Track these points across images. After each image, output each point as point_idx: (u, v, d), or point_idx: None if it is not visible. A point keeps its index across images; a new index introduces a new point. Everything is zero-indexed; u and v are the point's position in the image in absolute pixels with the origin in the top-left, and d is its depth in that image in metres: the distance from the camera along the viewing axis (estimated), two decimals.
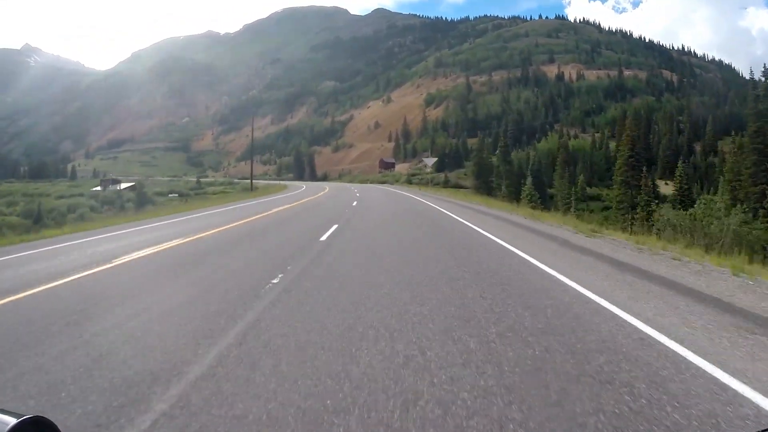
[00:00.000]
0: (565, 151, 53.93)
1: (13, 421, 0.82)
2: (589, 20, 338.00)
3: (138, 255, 8.51)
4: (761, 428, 2.54)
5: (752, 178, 32.94)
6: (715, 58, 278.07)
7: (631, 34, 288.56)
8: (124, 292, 5.73)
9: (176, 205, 31.44)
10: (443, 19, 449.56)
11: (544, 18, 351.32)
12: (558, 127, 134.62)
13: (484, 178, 62.17)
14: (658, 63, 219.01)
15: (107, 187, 52.50)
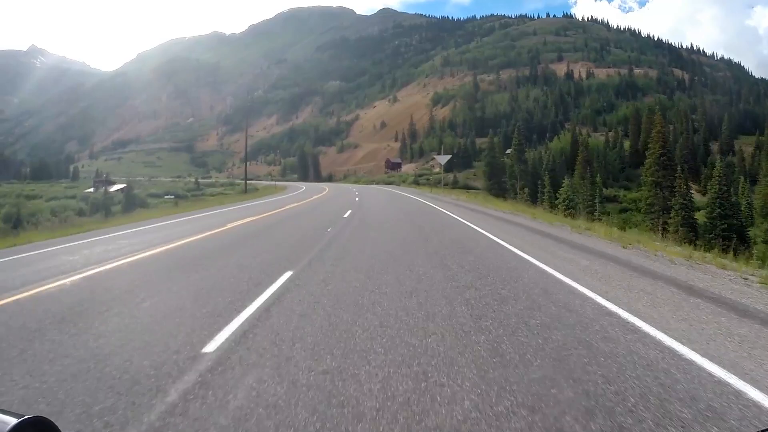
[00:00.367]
0: (585, 150, 50.48)
1: (13, 421, 0.82)
2: (597, 18, 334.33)
3: (46, 287, 5.80)
4: (761, 428, 2.44)
5: None
6: (724, 57, 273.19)
7: (640, 33, 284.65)
8: None
9: (166, 208, 28.94)
10: (449, 18, 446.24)
11: (552, 16, 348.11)
12: (569, 126, 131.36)
13: (497, 179, 59.11)
14: (668, 61, 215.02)
15: (99, 189, 49.90)
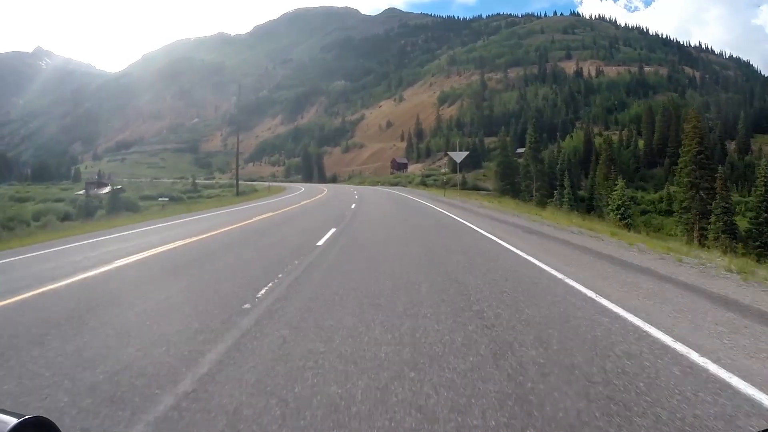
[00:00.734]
0: (609, 148, 47.06)
1: (13, 421, 0.81)
2: (605, 17, 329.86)
3: None
4: (761, 428, 2.36)
5: None
6: (733, 55, 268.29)
7: (648, 31, 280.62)
8: None
9: (151, 213, 26.47)
10: (455, 18, 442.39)
11: (559, 15, 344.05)
12: (580, 124, 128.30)
13: (510, 180, 55.94)
14: (677, 59, 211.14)
15: (90, 191, 47.33)
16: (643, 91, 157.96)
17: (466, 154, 32.45)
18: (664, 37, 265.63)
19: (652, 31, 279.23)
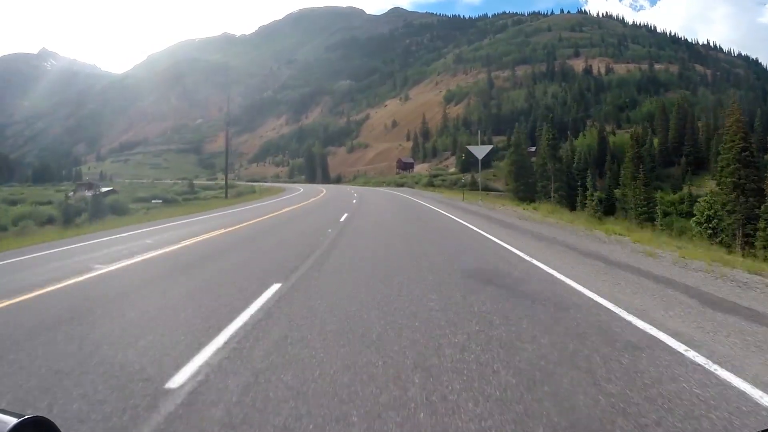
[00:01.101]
0: (636, 144, 43.77)
1: (13, 421, 0.81)
2: (612, 14, 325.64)
3: None
4: (762, 428, 2.38)
5: None
6: (741, 53, 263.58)
7: (656, 29, 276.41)
8: None
9: (136, 217, 24.07)
10: (461, 17, 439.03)
11: (566, 12, 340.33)
12: (591, 122, 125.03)
13: (524, 180, 52.84)
14: (687, 57, 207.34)
15: (78, 193, 44.90)
16: (654, 88, 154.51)
17: (490, 148, 29.10)
18: (672, 35, 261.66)
19: (659, 30, 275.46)
